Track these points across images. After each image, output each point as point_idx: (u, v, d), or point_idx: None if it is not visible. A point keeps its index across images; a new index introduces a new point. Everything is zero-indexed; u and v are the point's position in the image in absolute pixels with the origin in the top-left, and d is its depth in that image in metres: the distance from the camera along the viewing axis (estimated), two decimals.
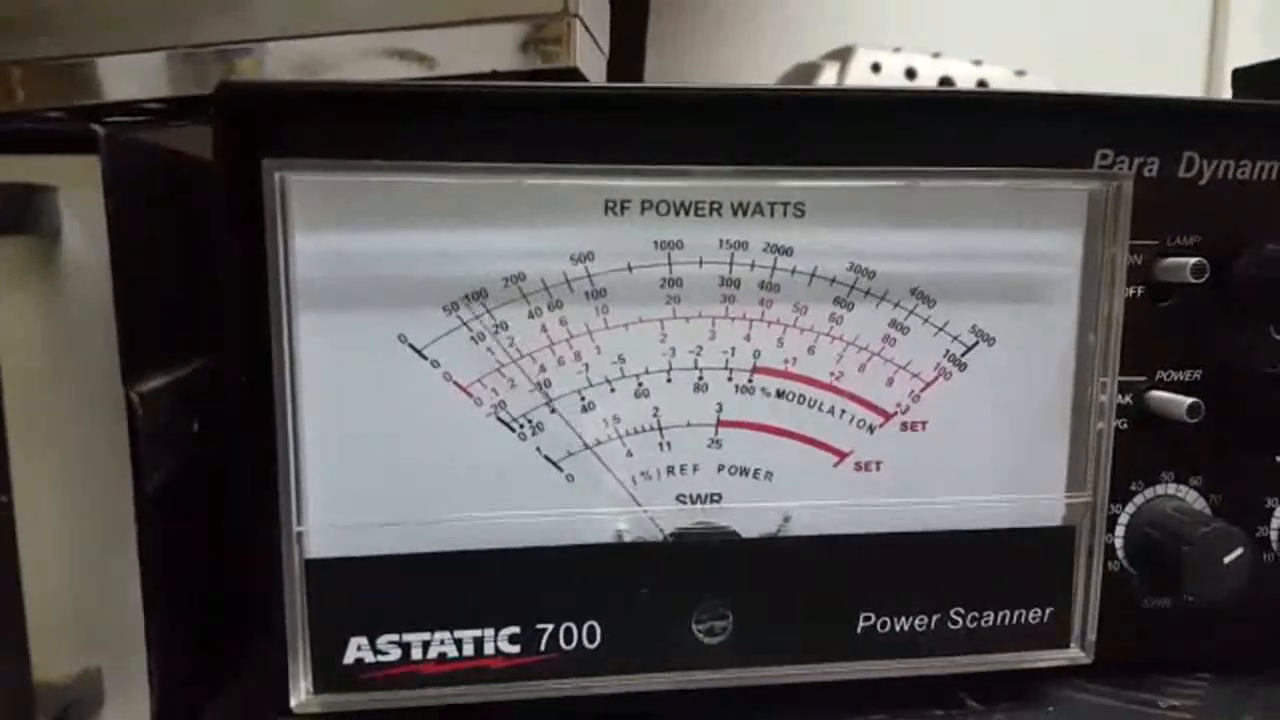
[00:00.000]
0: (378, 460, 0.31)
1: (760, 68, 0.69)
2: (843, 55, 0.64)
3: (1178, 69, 0.74)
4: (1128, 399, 0.35)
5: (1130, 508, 0.36)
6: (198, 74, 0.38)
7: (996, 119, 0.33)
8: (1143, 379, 0.35)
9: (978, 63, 0.64)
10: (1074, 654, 0.34)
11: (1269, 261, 0.34)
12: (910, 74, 0.63)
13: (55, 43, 0.38)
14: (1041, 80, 0.64)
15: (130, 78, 0.38)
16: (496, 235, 0.31)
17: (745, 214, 0.32)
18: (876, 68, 0.63)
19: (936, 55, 0.64)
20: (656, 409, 0.32)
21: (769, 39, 0.72)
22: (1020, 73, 0.65)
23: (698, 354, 0.32)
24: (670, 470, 0.33)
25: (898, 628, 0.33)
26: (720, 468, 0.33)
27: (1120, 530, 0.36)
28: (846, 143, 0.32)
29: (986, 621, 0.34)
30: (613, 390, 0.32)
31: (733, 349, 0.32)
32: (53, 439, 0.29)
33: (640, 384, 0.32)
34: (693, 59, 0.71)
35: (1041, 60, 0.65)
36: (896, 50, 0.64)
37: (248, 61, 0.38)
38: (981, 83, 0.63)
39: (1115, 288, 0.33)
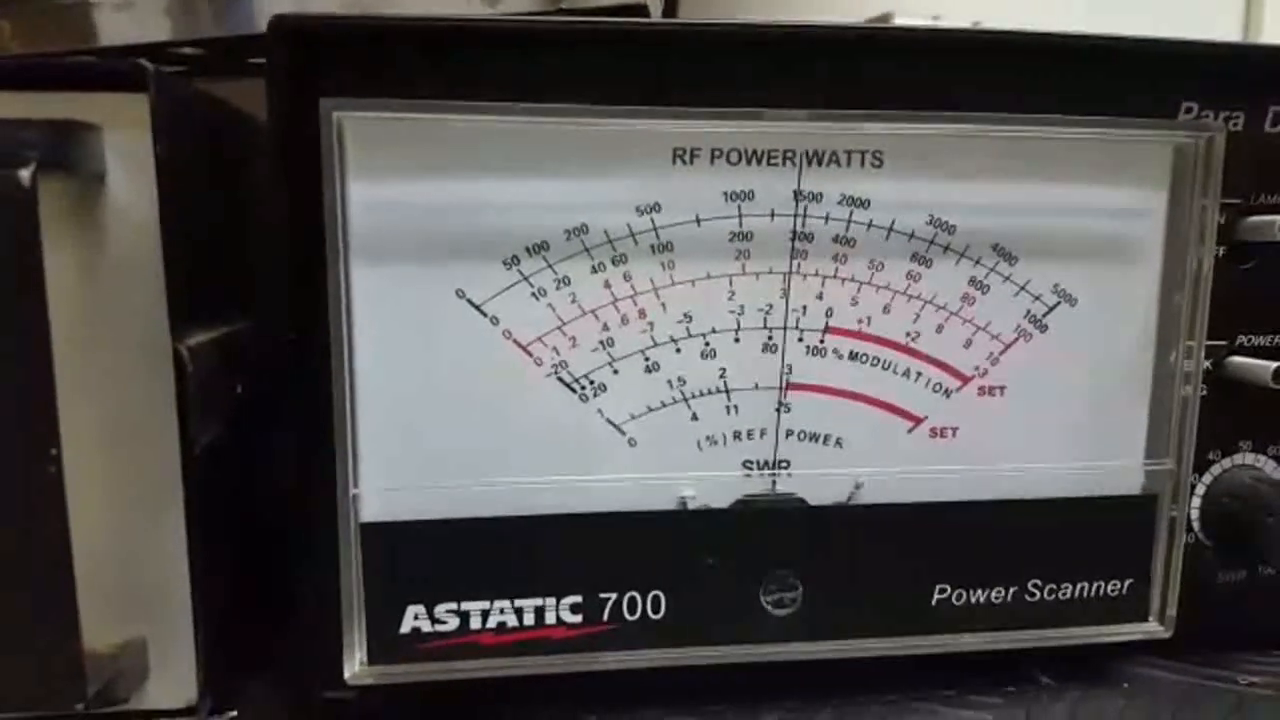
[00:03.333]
0: (434, 421, 0.29)
1: None
2: (880, 23, 0.62)
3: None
4: (1207, 364, 0.34)
5: (1207, 477, 0.35)
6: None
7: (1078, 65, 0.31)
8: (1222, 343, 0.34)
9: None
10: (1152, 628, 0.33)
11: None
12: None
13: None
14: None
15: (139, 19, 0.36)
16: (559, 185, 0.29)
17: (820, 163, 0.30)
18: None
19: (976, 24, 0.63)
20: (723, 370, 0.31)
21: (803, 3, 0.70)
22: None
23: (767, 312, 0.31)
24: (737, 435, 0.31)
25: (974, 600, 0.32)
26: (789, 433, 0.31)
27: (1196, 501, 0.35)
28: (927, 88, 0.30)
29: (1064, 594, 0.33)
30: (678, 350, 0.30)
31: (804, 308, 0.31)
32: (95, 394, 0.28)
33: (707, 344, 0.31)
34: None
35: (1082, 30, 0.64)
36: (935, 19, 0.62)
37: None
38: None
39: (1204, 247, 0.31)
